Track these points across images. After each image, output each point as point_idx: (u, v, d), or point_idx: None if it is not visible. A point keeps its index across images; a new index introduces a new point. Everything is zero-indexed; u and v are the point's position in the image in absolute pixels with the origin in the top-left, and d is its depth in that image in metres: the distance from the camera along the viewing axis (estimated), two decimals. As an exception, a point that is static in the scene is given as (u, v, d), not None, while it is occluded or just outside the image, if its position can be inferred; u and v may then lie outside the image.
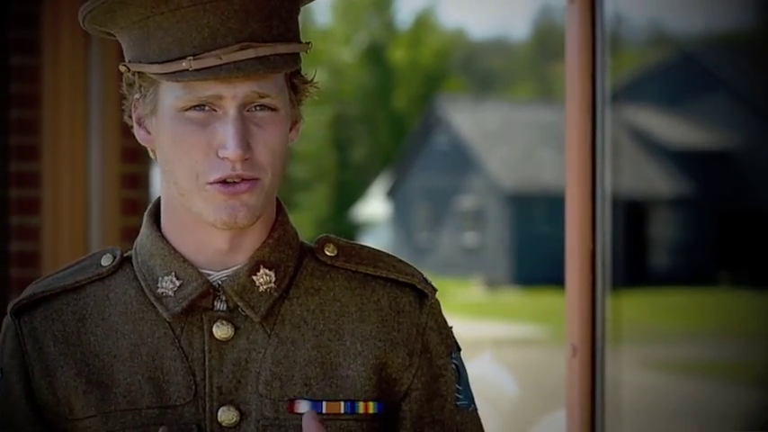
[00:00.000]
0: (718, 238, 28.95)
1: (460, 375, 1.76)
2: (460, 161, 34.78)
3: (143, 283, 1.71)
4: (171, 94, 1.64)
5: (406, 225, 37.57)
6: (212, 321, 1.69)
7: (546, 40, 52.01)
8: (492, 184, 33.69)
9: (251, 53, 1.61)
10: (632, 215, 29.05)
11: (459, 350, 1.79)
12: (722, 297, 25.28)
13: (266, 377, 1.68)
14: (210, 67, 1.60)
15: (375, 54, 42.66)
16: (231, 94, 1.62)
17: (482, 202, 34.32)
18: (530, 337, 19.87)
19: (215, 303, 1.69)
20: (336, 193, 40.20)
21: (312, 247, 1.76)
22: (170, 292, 1.69)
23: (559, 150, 34.04)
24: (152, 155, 1.73)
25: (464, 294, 29.58)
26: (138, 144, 1.74)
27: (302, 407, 1.67)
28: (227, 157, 1.62)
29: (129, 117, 1.73)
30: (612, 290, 2.71)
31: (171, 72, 1.62)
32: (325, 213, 39.23)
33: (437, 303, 1.77)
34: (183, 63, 1.61)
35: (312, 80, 1.73)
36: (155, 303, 1.69)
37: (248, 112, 1.64)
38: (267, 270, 1.70)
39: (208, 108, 1.63)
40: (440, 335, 1.75)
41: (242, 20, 1.61)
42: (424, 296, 1.75)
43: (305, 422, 1.58)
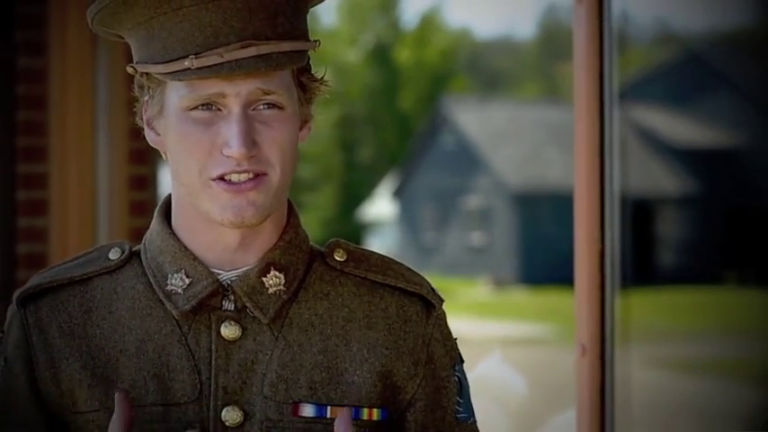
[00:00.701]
0: (724, 236, 28.93)
1: (462, 388, 1.76)
2: (467, 161, 34.77)
3: (152, 279, 1.71)
4: (176, 94, 1.64)
5: (412, 225, 37.57)
6: (220, 321, 1.68)
7: (552, 40, 51.98)
8: (498, 184, 33.69)
9: (252, 51, 1.61)
10: (638, 214, 29.03)
11: (462, 362, 1.79)
12: (729, 295, 25.25)
13: (272, 379, 1.68)
14: (212, 66, 1.60)
15: (381, 54, 42.67)
16: (234, 91, 1.62)
17: (489, 202, 34.32)
18: (537, 337, 19.86)
19: (223, 303, 1.69)
20: (343, 193, 40.21)
21: (322, 251, 1.76)
22: (179, 290, 1.69)
23: (565, 150, 33.97)
24: (164, 156, 1.73)
25: (471, 294, 29.58)
26: (146, 145, 1.75)
27: (306, 410, 1.68)
28: (231, 156, 1.62)
29: (141, 119, 1.73)
30: (621, 289, 2.71)
31: (174, 71, 1.62)
32: (331, 214, 39.25)
33: (443, 314, 1.77)
34: (186, 62, 1.61)
35: (322, 78, 1.72)
36: (163, 300, 1.69)
37: (254, 110, 1.64)
38: (277, 272, 1.70)
39: (213, 108, 1.63)
40: (444, 346, 1.76)
41: (244, 18, 1.61)
42: (431, 307, 1.75)
43: (338, 422, 1.58)
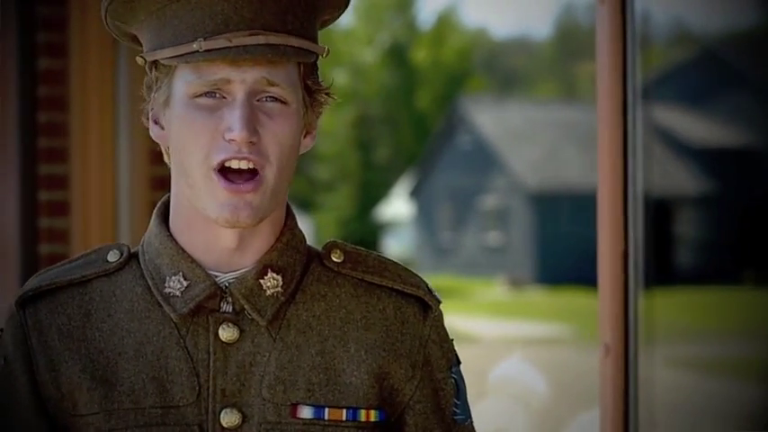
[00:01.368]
0: (743, 236, 28.84)
1: (459, 389, 1.77)
2: (484, 161, 34.74)
3: (150, 282, 1.71)
4: (182, 80, 1.65)
5: (429, 225, 37.56)
6: (218, 323, 1.69)
7: (569, 39, 51.91)
8: (515, 184, 33.65)
9: (261, 39, 1.62)
10: (657, 214, 28.96)
11: (459, 363, 1.79)
12: (749, 295, 25.16)
13: (270, 381, 1.68)
14: (220, 49, 1.61)
15: (397, 54, 42.65)
16: (240, 78, 1.63)
17: (505, 202, 34.28)
18: (555, 337, 19.83)
19: (221, 305, 1.69)
20: (360, 193, 40.21)
21: (319, 252, 1.76)
22: (177, 293, 1.69)
23: (583, 149, 33.90)
24: (165, 156, 1.73)
25: (488, 294, 29.56)
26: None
27: (305, 412, 1.68)
28: (233, 140, 1.62)
29: (146, 118, 1.74)
30: (644, 289, 2.71)
31: (182, 54, 1.63)
32: (348, 214, 39.25)
33: (440, 316, 1.77)
34: (194, 45, 1.62)
35: (329, 88, 1.73)
36: (162, 303, 1.69)
37: (258, 101, 1.65)
38: (275, 274, 1.70)
39: (218, 95, 1.64)
40: (441, 348, 1.76)
41: (255, 10, 1.63)
42: (428, 308, 1.75)
43: None
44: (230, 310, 1.69)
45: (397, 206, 40.39)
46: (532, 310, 25.62)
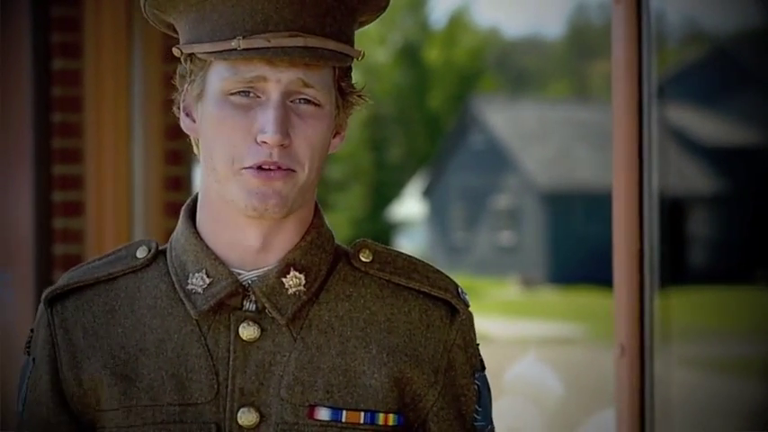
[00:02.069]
0: (756, 235, 28.77)
1: (481, 396, 1.75)
2: (496, 160, 34.71)
3: (174, 279, 1.71)
4: (218, 76, 1.65)
5: (441, 224, 37.53)
6: (239, 321, 1.68)
7: (581, 39, 51.83)
8: (528, 183, 33.62)
9: (299, 41, 1.62)
10: (670, 213, 28.89)
11: (484, 369, 1.77)
12: (763, 295, 25.11)
13: (289, 381, 1.67)
14: (258, 48, 1.61)
15: (410, 54, 42.62)
16: (275, 77, 1.63)
17: (518, 201, 34.25)
18: (567, 336, 19.81)
19: (244, 303, 1.69)
20: (372, 192, 40.18)
21: (348, 251, 1.75)
22: (199, 290, 1.69)
23: (595, 149, 33.83)
24: (195, 148, 1.73)
25: (500, 293, 29.53)
26: (181, 146, 1.77)
27: (322, 414, 1.67)
28: (265, 142, 1.62)
29: (178, 108, 1.74)
30: (659, 289, 2.70)
31: (219, 51, 1.63)
32: (361, 213, 39.23)
33: (468, 319, 1.75)
34: (233, 42, 1.62)
35: (361, 90, 1.73)
36: (183, 300, 1.70)
37: (292, 102, 1.65)
38: (297, 273, 1.69)
39: (252, 94, 1.64)
40: (466, 353, 1.74)
41: (295, 11, 1.63)
42: (455, 312, 1.74)
43: None
44: (253, 309, 1.69)
45: (410, 206, 40.36)
46: (545, 309, 25.58)
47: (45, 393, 1.72)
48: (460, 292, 1.76)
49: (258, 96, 1.64)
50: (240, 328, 1.68)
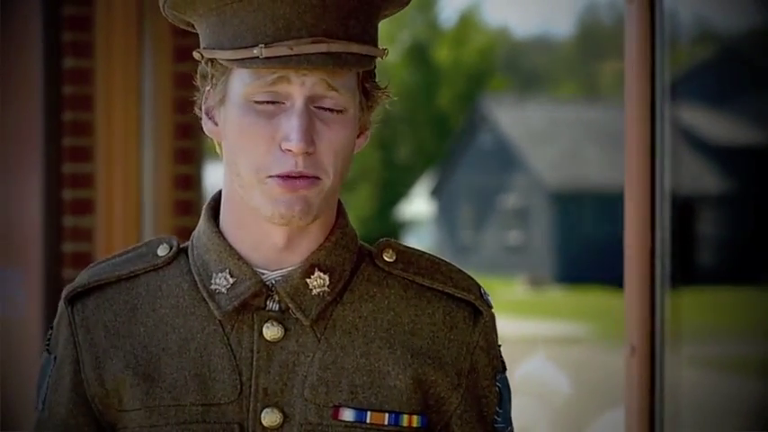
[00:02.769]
0: (766, 235, 28.73)
1: (502, 397, 1.74)
2: (505, 160, 34.71)
3: (197, 278, 1.70)
4: (240, 82, 1.63)
5: (450, 224, 37.53)
6: (263, 321, 1.67)
7: (590, 38, 51.80)
8: (536, 183, 33.60)
9: (323, 47, 1.60)
10: (681, 213, 28.87)
11: (505, 370, 1.77)
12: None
13: (312, 382, 1.66)
14: (280, 57, 1.59)
15: (419, 53, 42.63)
16: (299, 80, 1.61)
17: (526, 201, 34.24)
18: (576, 336, 19.79)
19: (267, 303, 1.68)
20: (380, 192, 40.19)
21: (371, 251, 1.74)
22: (223, 290, 1.68)
23: (604, 148, 33.78)
24: (218, 149, 1.72)
25: (508, 293, 29.51)
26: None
27: (346, 414, 1.66)
28: (289, 150, 1.61)
29: (200, 109, 1.72)
30: (670, 288, 2.69)
31: (241, 59, 1.61)
32: (369, 212, 39.24)
33: (491, 321, 1.74)
34: (255, 50, 1.60)
35: (385, 88, 1.71)
36: (207, 299, 1.68)
37: (316, 108, 1.63)
38: (321, 273, 1.68)
39: (276, 101, 1.62)
40: (488, 355, 1.73)
41: (318, 15, 1.60)
42: (479, 313, 1.73)
43: None
44: (276, 309, 1.68)
45: (418, 205, 40.36)
46: (553, 309, 25.57)
47: (65, 394, 1.71)
48: (483, 293, 1.75)
49: (282, 103, 1.63)
50: (264, 328, 1.67)
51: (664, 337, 2.63)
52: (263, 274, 1.68)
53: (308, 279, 1.67)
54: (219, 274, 1.68)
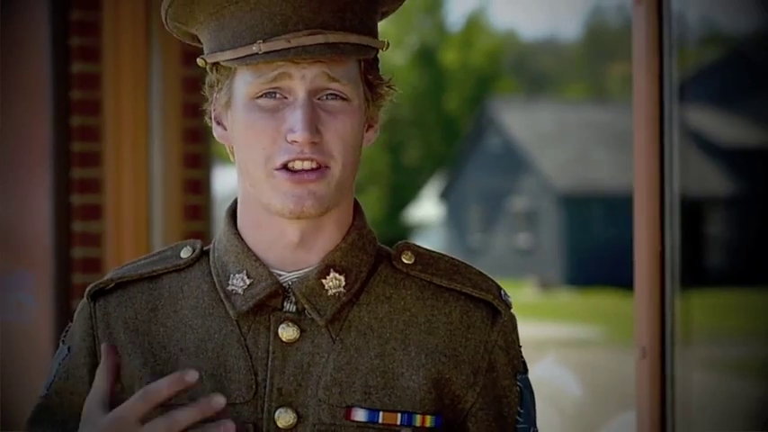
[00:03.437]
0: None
1: (523, 398, 1.74)
2: (513, 162, 34.69)
3: (215, 279, 1.72)
4: (243, 82, 1.66)
5: (459, 226, 37.52)
6: (279, 322, 1.69)
7: (597, 40, 51.78)
8: (545, 185, 33.59)
9: (320, 39, 1.62)
10: (690, 215, 28.82)
11: (526, 371, 1.77)
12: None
13: (327, 382, 1.67)
14: (279, 50, 1.61)
15: (426, 56, 42.62)
16: (300, 74, 1.63)
17: (535, 203, 34.22)
18: (585, 338, 19.78)
19: (284, 304, 1.69)
20: (389, 195, 40.19)
21: (390, 252, 1.75)
22: (239, 290, 1.70)
23: (612, 150, 33.75)
24: (230, 154, 1.74)
25: (518, 295, 29.47)
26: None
27: (359, 415, 1.67)
28: (295, 141, 1.62)
29: (209, 118, 1.75)
30: (680, 290, 2.69)
31: (241, 56, 1.64)
32: (378, 215, 39.23)
33: (510, 321, 1.75)
34: (254, 47, 1.62)
35: (389, 81, 1.73)
36: (224, 300, 1.70)
37: (319, 99, 1.65)
38: (337, 274, 1.69)
39: (278, 95, 1.65)
40: (507, 355, 1.73)
41: (314, 9, 1.63)
42: (497, 313, 1.73)
43: None
44: (293, 310, 1.69)
45: (427, 208, 40.36)
46: (563, 311, 25.56)
47: (81, 384, 1.73)
48: (503, 293, 1.75)
49: (285, 97, 1.65)
50: (279, 329, 1.68)
51: (674, 339, 2.62)
52: (279, 275, 1.70)
53: (323, 280, 1.69)
54: (237, 275, 1.70)
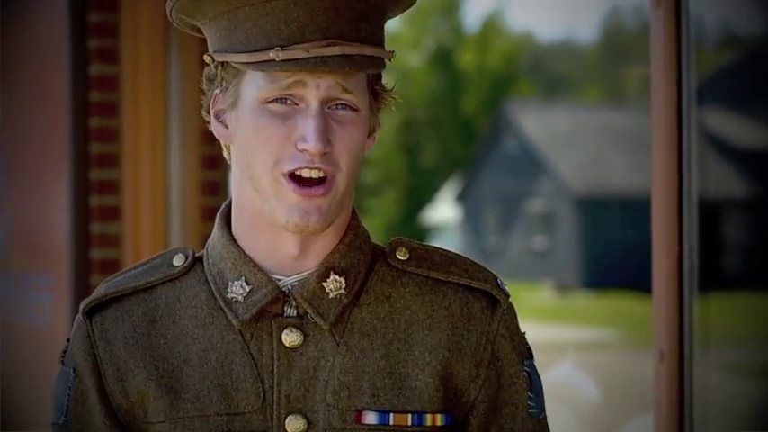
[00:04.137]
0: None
1: (532, 383, 1.74)
2: (530, 165, 34.65)
3: (213, 287, 1.70)
4: (254, 86, 1.64)
5: (475, 229, 37.49)
6: (282, 328, 1.67)
7: (614, 43, 51.67)
8: (562, 188, 33.54)
9: (337, 50, 1.60)
10: (708, 217, 28.74)
11: (532, 357, 1.76)
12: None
13: (334, 386, 1.66)
14: (297, 59, 1.60)
15: (443, 58, 42.60)
16: (315, 83, 1.62)
17: (552, 206, 34.17)
18: (602, 341, 19.74)
19: (285, 309, 1.68)
20: (406, 197, 40.18)
21: (384, 250, 1.75)
22: (240, 298, 1.68)
23: (629, 153, 33.70)
24: (225, 153, 1.72)
25: (534, 298, 29.45)
26: (218, 151, 1.75)
27: (369, 418, 1.66)
28: (306, 150, 1.61)
29: (207, 112, 1.72)
30: (699, 293, 2.68)
31: (257, 62, 1.61)
32: (394, 218, 39.23)
33: (510, 309, 1.74)
34: (271, 54, 1.60)
35: (392, 90, 1.72)
36: (224, 308, 1.68)
37: (330, 109, 1.63)
38: (337, 276, 1.69)
39: (290, 101, 1.63)
40: (511, 342, 1.73)
41: (331, 18, 1.61)
42: (496, 302, 1.73)
43: None
44: (294, 314, 1.68)
45: (444, 210, 40.34)
46: (579, 314, 25.51)
47: (96, 406, 1.71)
48: (500, 282, 1.75)
49: (296, 104, 1.63)
50: (283, 335, 1.67)
51: (693, 342, 2.62)
52: (278, 279, 1.68)
53: (324, 283, 1.68)
54: (235, 283, 1.69)
